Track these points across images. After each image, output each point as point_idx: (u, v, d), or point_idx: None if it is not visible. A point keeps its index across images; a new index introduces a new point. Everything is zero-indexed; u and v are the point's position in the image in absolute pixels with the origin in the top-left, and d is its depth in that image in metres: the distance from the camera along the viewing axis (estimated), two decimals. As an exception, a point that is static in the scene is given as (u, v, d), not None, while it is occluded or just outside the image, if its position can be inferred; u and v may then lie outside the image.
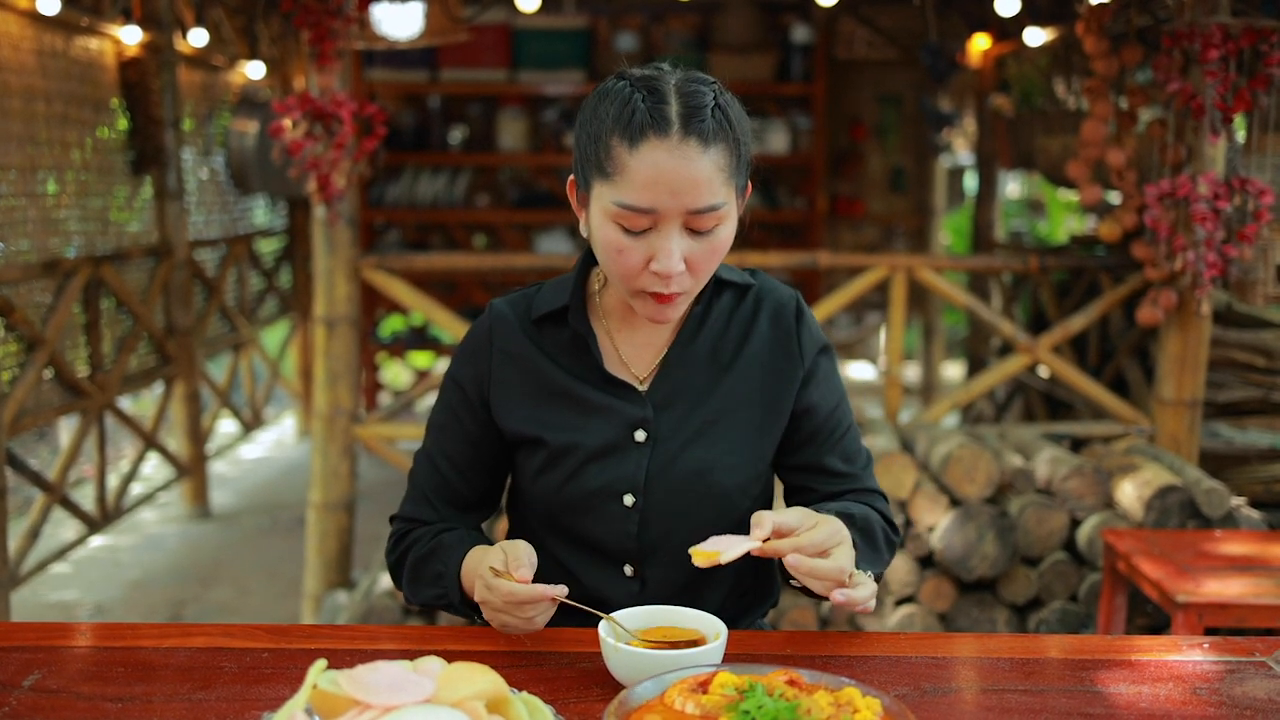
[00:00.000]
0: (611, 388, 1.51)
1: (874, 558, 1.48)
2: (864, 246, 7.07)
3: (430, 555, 1.51)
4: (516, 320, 1.55)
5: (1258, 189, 3.25)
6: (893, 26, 6.47)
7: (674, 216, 1.35)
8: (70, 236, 4.36)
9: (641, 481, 1.49)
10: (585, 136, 1.40)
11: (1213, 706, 1.26)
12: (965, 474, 3.34)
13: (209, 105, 5.74)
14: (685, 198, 1.34)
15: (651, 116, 1.33)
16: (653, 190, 1.33)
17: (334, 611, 3.57)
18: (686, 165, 1.33)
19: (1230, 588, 2.58)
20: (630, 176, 1.34)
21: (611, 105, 1.37)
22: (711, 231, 1.38)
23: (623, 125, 1.34)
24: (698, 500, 1.50)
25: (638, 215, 1.35)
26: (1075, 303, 4.82)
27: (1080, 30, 3.70)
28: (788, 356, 1.54)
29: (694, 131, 1.33)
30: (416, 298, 3.84)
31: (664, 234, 1.36)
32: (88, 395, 4.36)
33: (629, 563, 1.52)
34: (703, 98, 1.36)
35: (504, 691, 1.04)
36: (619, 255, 1.38)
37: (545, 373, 1.52)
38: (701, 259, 1.39)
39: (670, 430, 1.50)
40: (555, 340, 1.54)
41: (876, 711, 1.05)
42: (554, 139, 6.43)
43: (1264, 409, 4.07)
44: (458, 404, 1.57)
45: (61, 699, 1.25)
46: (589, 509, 1.50)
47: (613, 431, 1.50)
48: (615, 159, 1.35)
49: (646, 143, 1.33)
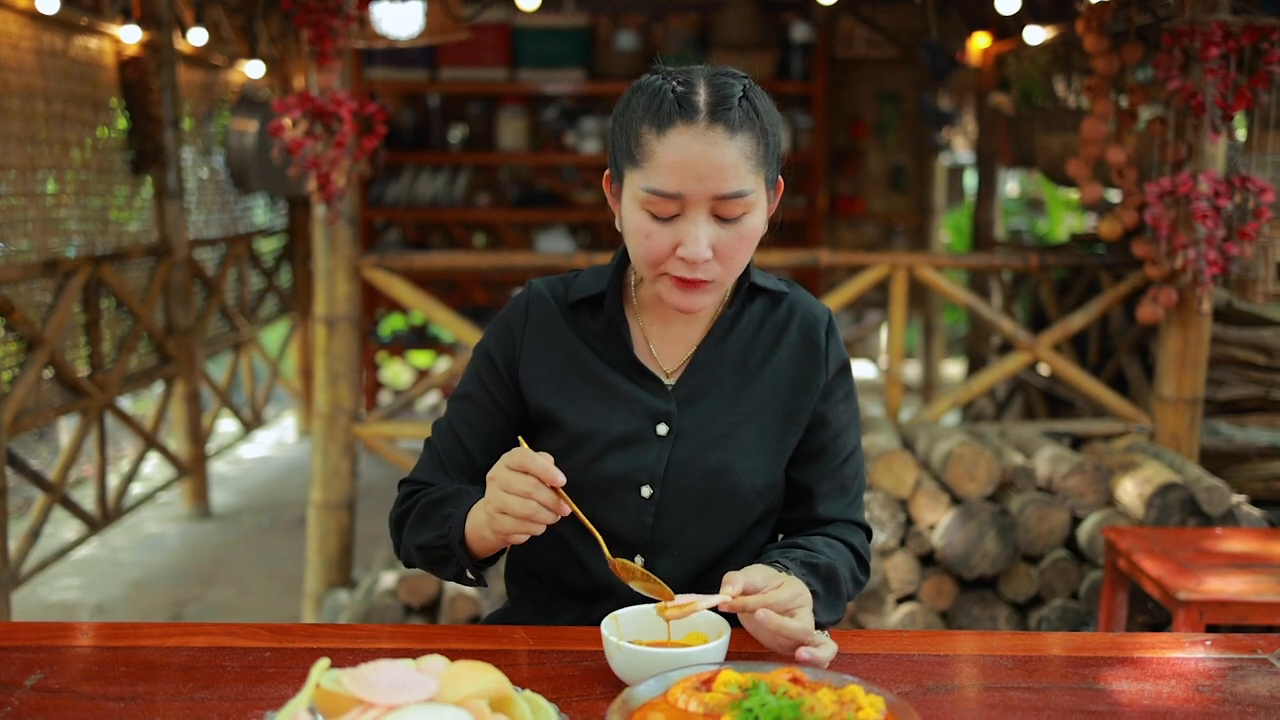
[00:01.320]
0: (639, 378, 1.52)
1: (834, 607, 1.48)
2: (864, 245, 7.07)
3: (447, 499, 1.49)
4: (554, 301, 1.57)
5: (1258, 187, 3.25)
6: (893, 25, 6.47)
7: (700, 202, 1.37)
8: (70, 236, 4.36)
9: (660, 474, 1.49)
10: (618, 128, 1.44)
11: (1214, 703, 1.26)
12: (966, 472, 3.34)
13: (209, 104, 5.74)
14: (711, 182, 1.36)
15: (680, 104, 1.36)
16: (679, 175, 1.36)
17: (335, 611, 3.57)
18: (713, 150, 1.35)
19: (1231, 585, 2.58)
20: (658, 162, 1.36)
21: (643, 96, 1.40)
22: (739, 220, 1.40)
23: (652, 113, 1.38)
24: (714, 498, 1.50)
25: (665, 200, 1.37)
26: (1075, 301, 4.82)
27: (1080, 28, 3.70)
28: (814, 369, 1.55)
29: (720, 119, 1.36)
30: (416, 297, 3.84)
31: (691, 220, 1.38)
32: (88, 395, 4.36)
33: (641, 553, 1.52)
34: (731, 88, 1.39)
35: (507, 690, 1.04)
36: (646, 240, 1.40)
37: (577, 354, 1.53)
38: (730, 248, 1.40)
39: (693, 427, 1.50)
40: (590, 325, 1.55)
41: (879, 709, 1.05)
42: (554, 138, 6.43)
43: (1264, 406, 4.07)
44: (486, 374, 1.57)
45: (64, 699, 1.25)
46: (605, 496, 1.50)
47: (635, 422, 1.50)
48: (644, 146, 1.38)
49: (674, 129, 1.36)
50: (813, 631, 1.31)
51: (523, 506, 1.30)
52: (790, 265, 4.69)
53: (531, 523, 1.31)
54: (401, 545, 1.55)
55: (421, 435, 3.74)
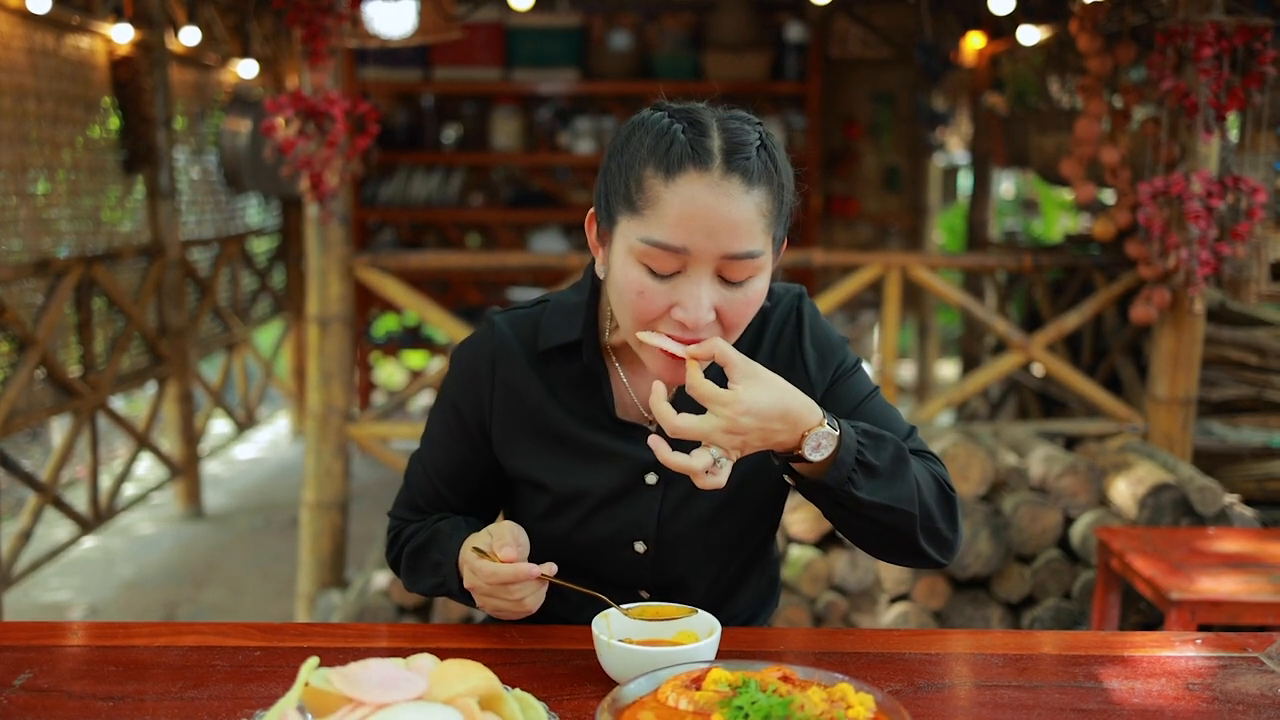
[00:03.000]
0: (622, 430, 1.42)
1: (892, 485, 1.27)
2: (858, 245, 7.07)
3: (427, 544, 1.47)
4: (521, 348, 1.43)
5: (1251, 187, 3.25)
6: (887, 25, 6.47)
7: (707, 260, 1.22)
8: (62, 236, 4.34)
9: (653, 528, 1.42)
10: (615, 167, 1.28)
11: (1205, 702, 1.26)
12: (959, 472, 3.34)
13: (201, 104, 5.73)
14: (722, 239, 1.21)
15: (693, 148, 1.21)
16: (688, 229, 1.21)
17: (328, 611, 3.57)
18: (728, 203, 1.21)
19: (1223, 585, 2.59)
20: (663, 211, 1.22)
21: (647, 135, 1.25)
22: (745, 283, 1.26)
23: (659, 155, 1.23)
24: (712, 539, 1.45)
25: (668, 255, 1.22)
26: (1069, 301, 4.83)
27: (1074, 28, 3.70)
28: (793, 378, 1.35)
29: (737, 168, 1.21)
30: (410, 297, 3.84)
31: (693, 279, 1.23)
32: (80, 395, 4.35)
33: (644, 594, 1.49)
34: (747, 135, 1.24)
35: (497, 689, 1.04)
36: (639, 298, 1.25)
37: (551, 415, 1.42)
38: (733, 312, 1.26)
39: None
40: (563, 376, 1.43)
41: (870, 707, 1.05)
42: (548, 138, 6.43)
43: (1257, 407, 4.08)
44: (455, 427, 1.48)
45: (53, 698, 1.24)
46: (599, 553, 1.45)
47: (622, 476, 1.41)
48: (648, 191, 1.23)
49: (685, 175, 1.21)
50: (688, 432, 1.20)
51: (515, 608, 1.32)
52: (784, 265, 4.67)
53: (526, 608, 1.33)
54: (404, 584, 1.54)
55: (415, 436, 3.73)
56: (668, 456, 1.21)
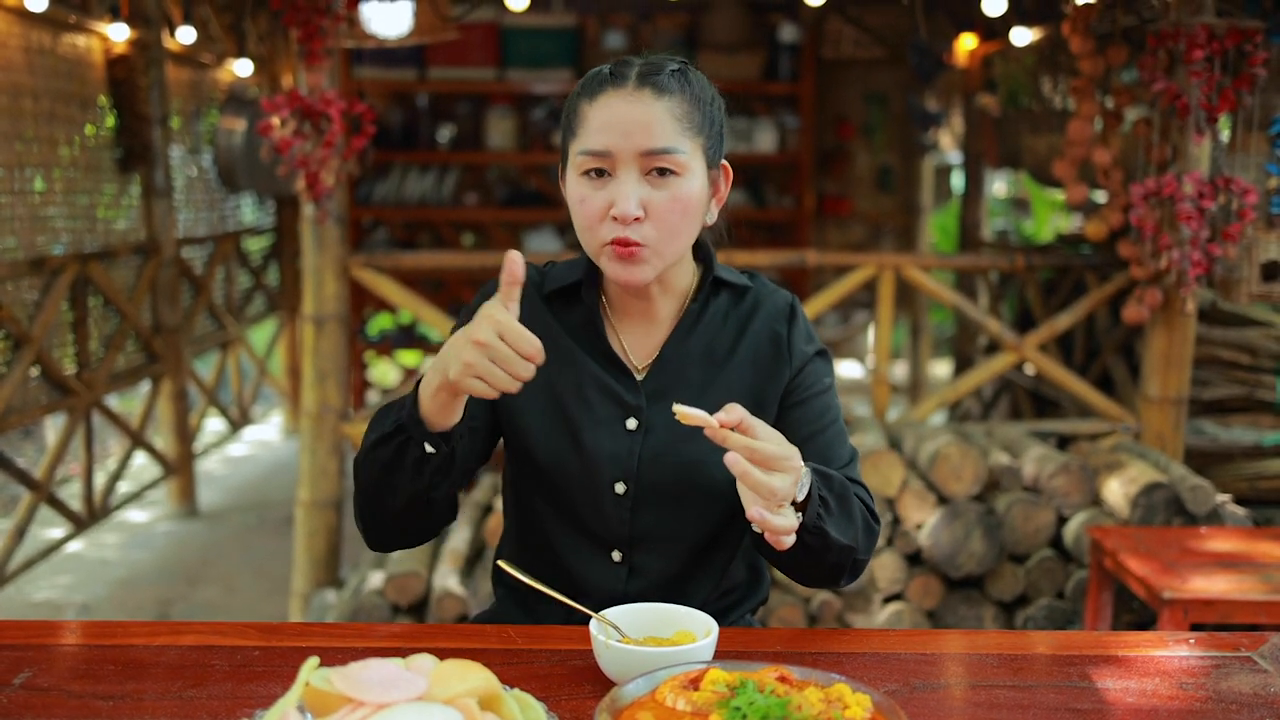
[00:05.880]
0: (614, 370, 1.53)
1: (844, 524, 1.39)
2: (851, 245, 7.08)
3: (398, 400, 1.40)
4: (535, 291, 1.58)
5: (1242, 188, 3.27)
6: (880, 26, 6.48)
7: (629, 160, 1.40)
8: (57, 234, 4.34)
9: (634, 469, 1.50)
10: (563, 116, 1.50)
11: (1198, 701, 1.27)
12: (952, 472, 3.36)
13: (197, 103, 5.72)
14: (637, 138, 1.39)
15: (612, 73, 1.44)
16: (606, 133, 1.40)
17: (322, 610, 3.57)
18: (640, 108, 1.40)
19: (1216, 584, 2.60)
20: (589, 125, 1.42)
21: (582, 80, 1.48)
22: (669, 180, 1.41)
23: (587, 85, 1.45)
24: (689, 492, 1.51)
25: (596, 159, 1.41)
26: (1061, 301, 4.85)
27: (1066, 30, 3.72)
28: (777, 358, 1.55)
29: (649, 83, 1.41)
30: (405, 296, 3.84)
31: (621, 179, 1.41)
32: (74, 393, 4.34)
33: (617, 549, 1.53)
34: (664, 63, 1.44)
35: (496, 689, 1.04)
36: (581, 205, 1.44)
37: (559, 341, 1.53)
38: (661, 209, 1.41)
39: (662, 421, 1.50)
40: (566, 318, 1.57)
41: (866, 707, 1.06)
42: (542, 138, 6.42)
43: (1248, 406, 4.10)
44: None
45: (52, 697, 1.25)
46: (584, 495, 1.51)
47: (607, 413, 1.51)
48: (579, 114, 1.44)
49: (604, 93, 1.42)
50: (782, 496, 1.25)
51: (498, 376, 1.23)
52: (777, 265, 4.69)
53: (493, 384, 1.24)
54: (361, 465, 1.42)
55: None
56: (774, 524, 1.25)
